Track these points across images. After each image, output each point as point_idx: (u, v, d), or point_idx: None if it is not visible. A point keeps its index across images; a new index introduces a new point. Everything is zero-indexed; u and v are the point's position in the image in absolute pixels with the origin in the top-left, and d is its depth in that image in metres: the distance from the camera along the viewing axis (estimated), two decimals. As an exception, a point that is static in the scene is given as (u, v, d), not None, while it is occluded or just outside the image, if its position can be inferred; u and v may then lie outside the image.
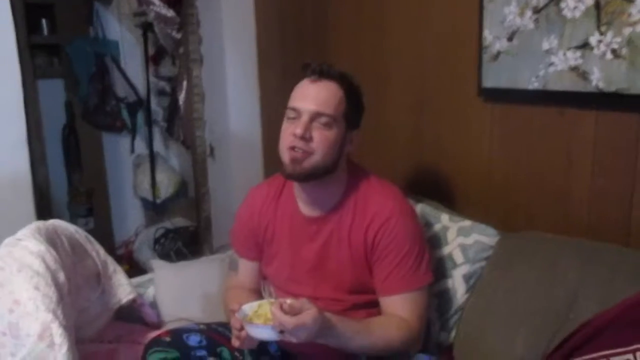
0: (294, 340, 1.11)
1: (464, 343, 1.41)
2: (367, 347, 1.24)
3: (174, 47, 2.79)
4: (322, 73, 1.29)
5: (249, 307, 1.18)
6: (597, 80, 1.29)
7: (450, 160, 1.72)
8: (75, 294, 1.33)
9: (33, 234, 1.23)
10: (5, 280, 1.13)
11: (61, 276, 1.18)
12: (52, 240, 1.26)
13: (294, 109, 1.28)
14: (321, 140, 1.26)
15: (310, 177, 1.29)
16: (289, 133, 1.28)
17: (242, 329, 1.19)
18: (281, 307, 1.10)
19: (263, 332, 1.12)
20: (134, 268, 2.87)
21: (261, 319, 1.13)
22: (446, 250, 1.49)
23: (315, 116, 1.26)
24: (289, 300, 1.13)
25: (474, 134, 1.64)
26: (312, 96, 1.27)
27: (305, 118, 1.26)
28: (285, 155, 1.29)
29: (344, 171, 1.37)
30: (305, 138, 1.25)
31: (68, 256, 1.32)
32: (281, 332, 1.09)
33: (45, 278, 1.12)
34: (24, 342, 1.06)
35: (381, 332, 1.25)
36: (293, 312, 1.09)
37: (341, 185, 1.36)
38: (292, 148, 1.27)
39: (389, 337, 1.25)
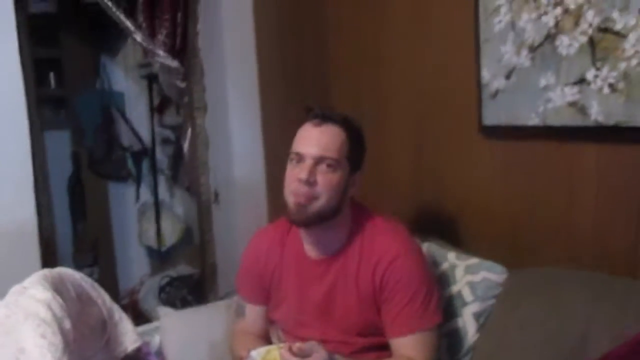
0: None
1: (477, 384, 1.37)
2: None
3: (178, 96, 2.85)
4: (324, 117, 1.32)
5: (257, 353, 1.17)
6: (596, 114, 1.31)
7: (453, 198, 1.73)
8: (81, 342, 1.32)
9: (40, 281, 1.22)
10: (12, 328, 1.12)
11: (67, 324, 1.17)
12: (58, 288, 1.26)
13: (297, 154, 1.30)
14: (325, 184, 1.27)
15: (316, 221, 1.30)
16: (293, 178, 1.29)
17: None
18: (290, 350, 1.09)
19: None
20: (139, 317, 2.83)
21: None
22: (455, 288, 1.47)
23: (319, 160, 1.28)
24: (298, 344, 1.11)
25: (475, 171, 1.65)
26: (315, 140, 1.29)
27: (309, 162, 1.27)
28: (290, 200, 1.30)
29: (349, 213, 1.38)
30: (310, 182, 1.26)
31: (74, 304, 1.31)
32: None
33: (51, 326, 1.12)
34: (30, 391, 1.04)
35: (391, 375, 1.23)
36: (302, 354, 1.08)
37: (346, 227, 1.37)
38: (297, 195, 1.28)
39: (399, 379, 1.22)
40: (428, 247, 1.58)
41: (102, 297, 1.49)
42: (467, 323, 1.44)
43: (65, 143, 3.35)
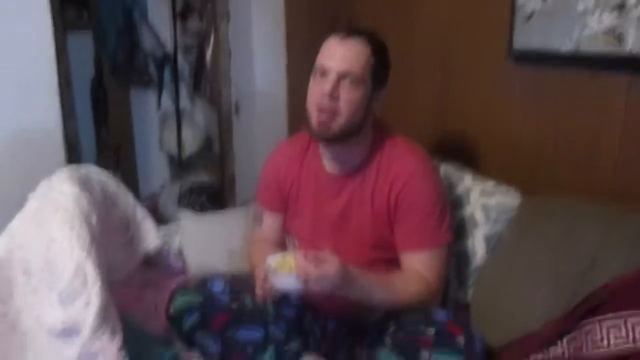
0: (316, 289, 1.14)
1: (481, 302, 1.43)
2: (387, 301, 1.27)
3: (201, 2, 2.79)
4: (350, 31, 1.30)
5: (273, 258, 1.21)
6: (632, 44, 1.26)
7: (476, 123, 1.72)
8: (106, 237, 1.38)
9: (67, 177, 1.27)
10: (42, 219, 1.18)
11: (94, 218, 1.23)
12: (85, 184, 1.31)
13: (321, 67, 1.29)
14: (348, 99, 1.27)
15: (338, 138, 1.31)
16: (316, 91, 1.29)
17: (265, 279, 1.23)
18: (305, 257, 1.13)
19: (287, 282, 1.16)
20: (159, 222, 2.92)
21: (285, 270, 1.17)
22: (468, 210, 1.50)
23: (343, 75, 1.27)
24: (313, 252, 1.16)
25: (502, 97, 1.63)
26: (340, 55, 1.28)
27: (332, 77, 1.26)
28: (313, 116, 1.30)
29: (370, 130, 1.38)
30: (333, 96, 1.26)
31: (99, 201, 1.37)
32: (304, 282, 1.13)
33: (79, 218, 1.17)
34: (60, 278, 1.11)
35: (401, 287, 1.28)
36: (317, 262, 1.12)
37: (366, 144, 1.38)
38: (320, 110, 1.28)
39: (408, 292, 1.27)
40: (445, 168, 1.59)
41: (126, 196, 1.55)
42: (477, 244, 1.47)
43: (88, 46, 3.32)
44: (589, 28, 1.35)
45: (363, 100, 1.29)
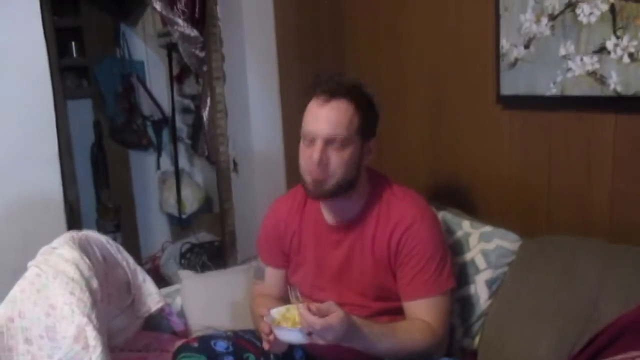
0: (321, 342, 1.13)
1: (487, 348, 1.41)
2: (392, 350, 1.25)
3: (197, 65, 2.87)
4: (332, 93, 1.28)
5: (277, 311, 1.21)
6: (615, 84, 1.30)
7: (469, 168, 1.74)
8: (107, 302, 1.38)
9: (67, 242, 1.28)
10: (42, 286, 1.18)
11: (94, 283, 1.23)
12: (85, 249, 1.31)
13: (307, 134, 1.29)
14: (338, 162, 1.28)
15: (333, 195, 1.32)
16: (306, 157, 1.30)
17: (270, 332, 1.22)
18: (309, 309, 1.12)
19: (291, 335, 1.15)
20: (161, 282, 2.91)
21: (289, 323, 1.16)
22: (468, 256, 1.50)
23: (329, 140, 1.27)
24: (316, 304, 1.15)
25: (492, 141, 1.66)
26: (324, 120, 1.27)
27: (319, 143, 1.27)
28: (306, 179, 1.32)
29: (366, 180, 1.39)
30: (322, 163, 1.27)
31: (100, 265, 1.37)
32: (309, 334, 1.12)
33: (79, 284, 1.17)
34: (60, 345, 1.10)
35: (406, 336, 1.26)
36: (320, 314, 1.11)
37: (364, 194, 1.39)
38: (312, 175, 1.29)
39: (413, 340, 1.26)
40: (443, 215, 1.60)
41: (126, 259, 1.55)
42: (480, 290, 1.46)
43: (87, 112, 3.40)
44: (572, 71, 1.39)
45: (354, 157, 1.30)
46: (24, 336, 1.14)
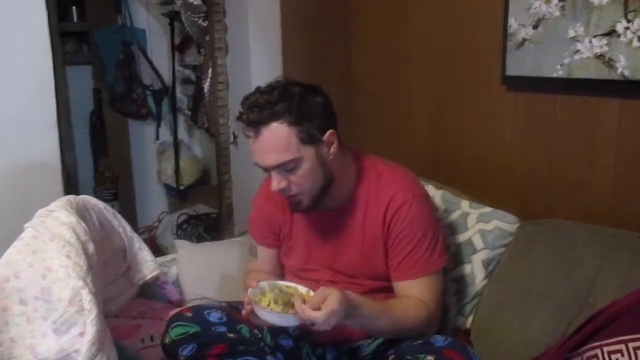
0: (326, 328, 1.11)
1: (480, 327, 1.42)
2: (389, 327, 1.25)
3: (200, 35, 2.83)
4: (257, 123, 1.22)
5: (253, 292, 1.18)
6: (623, 67, 1.29)
7: (472, 148, 1.73)
8: (103, 268, 1.38)
9: (64, 206, 1.27)
10: (39, 248, 1.17)
11: (90, 247, 1.22)
12: (82, 213, 1.31)
13: (259, 165, 1.27)
14: (300, 180, 1.26)
15: (316, 205, 1.31)
16: (271, 185, 1.28)
17: (249, 302, 1.19)
18: (304, 304, 1.10)
19: (284, 320, 1.14)
20: (157, 253, 2.92)
21: (264, 303, 1.15)
22: (466, 235, 1.50)
23: (277, 167, 1.24)
24: (309, 300, 1.12)
25: (496, 122, 1.65)
26: (262, 152, 1.24)
27: (273, 173, 1.26)
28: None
29: (349, 165, 1.36)
30: (286, 188, 1.27)
31: (96, 230, 1.37)
32: (312, 325, 1.10)
33: (75, 247, 1.16)
34: (56, 307, 1.10)
35: (400, 313, 1.26)
36: (316, 305, 1.10)
37: (350, 179, 1.36)
38: (283, 197, 1.30)
39: (407, 317, 1.26)
40: (442, 194, 1.60)
41: (123, 226, 1.54)
42: (476, 269, 1.47)
43: (87, 79, 3.36)
44: (580, 54, 1.37)
45: (313, 167, 1.26)
46: (19, 297, 1.14)
